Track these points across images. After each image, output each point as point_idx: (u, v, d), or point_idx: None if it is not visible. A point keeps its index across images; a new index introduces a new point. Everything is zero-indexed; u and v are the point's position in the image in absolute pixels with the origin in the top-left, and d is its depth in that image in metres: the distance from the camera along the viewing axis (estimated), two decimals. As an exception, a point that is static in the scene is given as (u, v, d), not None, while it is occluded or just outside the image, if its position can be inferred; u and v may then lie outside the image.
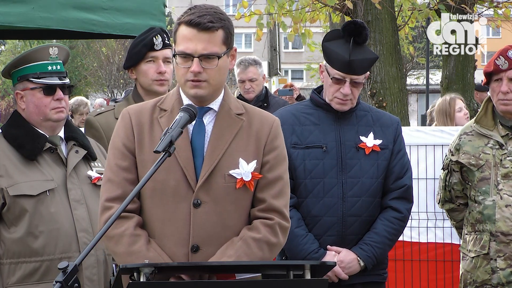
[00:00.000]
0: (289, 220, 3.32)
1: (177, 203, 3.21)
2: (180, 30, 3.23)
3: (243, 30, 46.76)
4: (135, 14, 5.69)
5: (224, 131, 3.27)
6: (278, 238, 3.28)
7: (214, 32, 3.20)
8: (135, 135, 3.28)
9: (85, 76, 38.68)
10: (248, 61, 7.63)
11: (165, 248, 3.21)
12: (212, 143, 3.25)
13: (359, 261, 4.25)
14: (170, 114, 3.29)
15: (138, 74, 4.64)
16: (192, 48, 3.19)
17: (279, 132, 3.36)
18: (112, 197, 3.24)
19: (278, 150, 3.33)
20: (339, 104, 4.30)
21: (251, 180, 3.25)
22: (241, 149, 3.27)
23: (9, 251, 3.93)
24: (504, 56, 4.57)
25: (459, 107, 7.55)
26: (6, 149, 4.00)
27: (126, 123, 3.31)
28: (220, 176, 3.23)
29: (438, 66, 32.37)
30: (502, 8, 13.02)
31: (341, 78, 4.25)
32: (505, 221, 4.51)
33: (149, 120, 3.30)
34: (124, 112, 3.35)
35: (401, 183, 4.35)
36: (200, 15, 3.19)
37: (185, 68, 3.21)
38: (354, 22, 4.28)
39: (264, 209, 3.27)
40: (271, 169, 3.30)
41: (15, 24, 5.09)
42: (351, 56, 4.21)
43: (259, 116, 3.36)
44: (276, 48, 23.65)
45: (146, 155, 3.25)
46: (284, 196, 3.32)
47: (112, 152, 3.31)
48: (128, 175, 3.26)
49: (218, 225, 3.22)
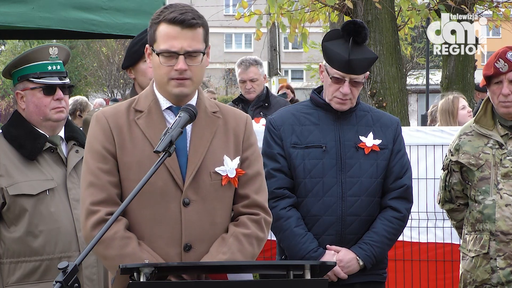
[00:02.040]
0: (271, 215, 3.37)
1: (166, 204, 3.21)
2: (161, 29, 3.21)
3: (243, 30, 46.74)
4: (135, 14, 5.69)
5: (204, 130, 3.28)
6: (264, 233, 3.32)
7: (197, 29, 3.21)
8: (115, 137, 3.24)
9: (85, 76, 38.70)
10: (249, 61, 7.63)
11: (157, 248, 3.20)
12: (194, 142, 3.26)
13: (358, 260, 4.24)
14: (147, 115, 3.27)
15: (136, 74, 4.65)
16: (177, 45, 3.19)
17: (252, 129, 3.41)
18: (97, 200, 3.19)
19: (254, 146, 3.39)
20: (338, 104, 4.30)
21: (235, 176, 3.28)
22: (221, 147, 3.29)
23: (9, 250, 3.93)
24: (503, 58, 4.56)
25: (463, 105, 7.54)
26: (6, 148, 4.00)
27: (104, 126, 3.26)
28: (206, 174, 3.24)
29: (438, 66, 32.37)
30: (502, 9, 13.02)
31: (340, 78, 4.25)
32: (505, 221, 4.51)
33: (126, 122, 3.27)
34: (99, 115, 3.30)
35: (400, 183, 4.35)
36: (181, 13, 3.19)
37: (169, 66, 3.20)
38: (353, 21, 4.28)
39: (248, 205, 3.31)
40: (250, 165, 3.33)
41: (15, 24, 5.09)
42: (350, 56, 4.21)
43: (233, 113, 3.39)
44: (276, 48, 23.66)
45: (129, 157, 3.23)
46: (264, 191, 3.37)
47: (90, 155, 3.26)
48: (111, 178, 3.22)
49: (207, 223, 3.24)
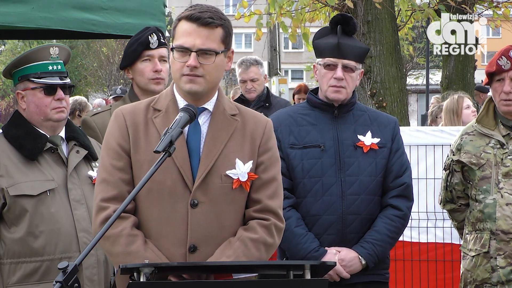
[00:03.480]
0: (283, 221, 3.34)
1: (174, 203, 3.21)
2: (180, 25, 3.23)
3: (243, 30, 46.72)
4: (135, 14, 5.69)
5: (220, 132, 3.27)
6: (274, 238, 3.29)
7: (214, 28, 3.21)
8: (130, 135, 3.26)
9: (85, 76, 38.66)
10: (250, 61, 7.64)
11: (163, 248, 3.20)
12: (208, 144, 3.25)
13: (361, 259, 4.24)
14: (164, 114, 3.28)
15: (134, 74, 4.65)
16: (190, 42, 3.19)
17: (272, 133, 3.38)
18: (108, 197, 3.21)
19: (272, 151, 3.35)
20: (334, 93, 4.30)
21: (247, 180, 3.26)
22: (236, 150, 3.27)
23: (10, 251, 3.93)
24: (506, 56, 4.57)
25: (467, 105, 7.55)
26: (6, 149, 3.99)
27: (121, 123, 3.28)
28: (216, 177, 3.23)
29: (438, 66, 32.37)
30: (502, 8, 13.01)
31: (332, 64, 4.28)
32: (506, 220, 4.51)
33: (143, 120, 3.28)
34: (117, 112, 3.32)
35: (400, 181, 4.34)
36: (201, 11, 3.21)
37: (182, 62, 3.21)
38: (341, 13, 4.38)
39: (259, 210, 3.28)
40: (265, 170, 3.31)
41: (15, 24, 5.09)
42: (339, 40, 4.27)
43: (253, 117, 3.37)
44: (276, 48, 23.65)
45: (142, 155, 3.23)
46: (278, 197, 3.33)
47: (106, 152, 3.28)
48: (123, 175, 3.23)
49: (215, 225, 3.22)
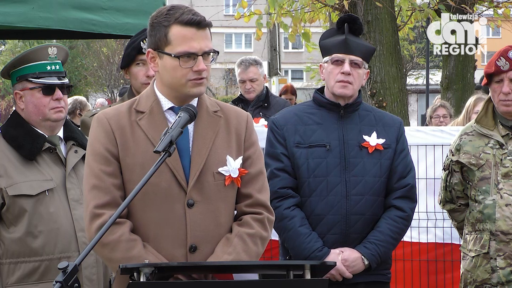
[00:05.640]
0: (273, 213, 3.36)
1: (170, 205, 3.20)
2: (175, 31, 3.18)
3: (243, 30, 46.71)
4: (135, 14, 5.68)
5: (206, 130, 3.27)
6: (268, 232, 3.32)
7: (207, 29, 3.23)
8: (117, 139, 3.21)
9: (85, 76, 38.68)
10: (249, 61, 7.63)
11: (162, 250, 3.19)
12: (197, 143, 3.25)
13: (363, 259, 4.24)
14: (149, 116, 3.25)
15: (130, 76, 4.72)
16: (196, 46, 3.18)
17: (253, 127, 3.40)
18: (102, 203, 3.16)
19: (256, 145, 3.38)
20: (341, 88, 4.31)
21: (238, 176, 3.27)
22: (224, 146, 3.28)
23: (9, 251, 3.93)
24: (504, 57, 4.57)
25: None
26: (5, 149, 3.99)
27: (106, 128, 3.22)
28: (209, 175, 3.23)
29: (438, 66, 32.36)
30: (502, 8, 13.01)
31: (340, 60, 4.29)
32: (505, 220, 4.51)
33: (128, 123, 3.24)
34: (100, 116, 3.26)
35: (404, 182, 4.35)
36: (193, 14, 3.20)
37: (188, 68, 3.19)
38: (347, 14, 4.46)
39: (251, 204, 3.30)
40: (252, 164, 3.32)
41: (15, 24, 5.09)
42: (346, 36, 4.30)
43: (234, 112, 3.38)
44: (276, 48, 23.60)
45: (132, 158, 3.20)
46: (266, 190, 3.37)
47: (93, 158, 3.22)
48: (114, 180, 3.20)
49: (212, 223, 3.23)
